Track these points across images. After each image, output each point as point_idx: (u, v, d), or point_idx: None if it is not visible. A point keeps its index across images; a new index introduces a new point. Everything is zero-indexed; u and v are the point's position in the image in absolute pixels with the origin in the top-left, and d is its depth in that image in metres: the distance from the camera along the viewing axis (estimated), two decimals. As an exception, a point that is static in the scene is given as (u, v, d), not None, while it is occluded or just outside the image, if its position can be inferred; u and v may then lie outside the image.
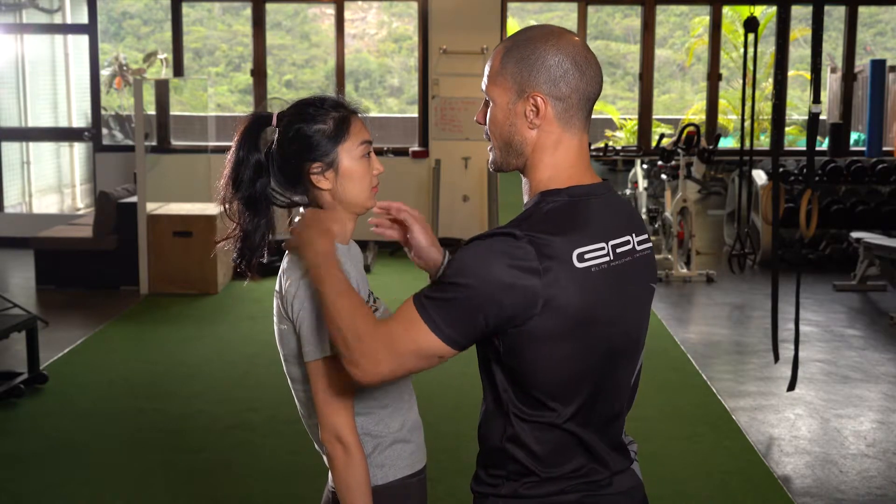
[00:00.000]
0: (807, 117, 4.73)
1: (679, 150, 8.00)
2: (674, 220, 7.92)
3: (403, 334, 1.54)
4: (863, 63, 10.31)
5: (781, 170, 8.38)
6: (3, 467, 4.08)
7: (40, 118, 11.15)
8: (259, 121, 1.84)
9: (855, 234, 7.56)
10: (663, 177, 8.49)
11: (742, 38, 8.01)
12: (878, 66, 9.71)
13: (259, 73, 9.37)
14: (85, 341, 5.94)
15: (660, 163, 8.40)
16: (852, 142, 10.24)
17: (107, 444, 4.35)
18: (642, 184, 8.70)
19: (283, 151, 1.81)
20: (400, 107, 16.86)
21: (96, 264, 7.29)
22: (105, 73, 13.39)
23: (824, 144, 10.10)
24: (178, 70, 9.53)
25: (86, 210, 11.22)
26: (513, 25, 13.93)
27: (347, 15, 11.37)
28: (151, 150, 7.72)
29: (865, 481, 3.98)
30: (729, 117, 13.68)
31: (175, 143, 8.80)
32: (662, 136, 8.92)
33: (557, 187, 1.60)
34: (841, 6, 9.63)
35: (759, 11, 9.94)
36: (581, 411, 1.60)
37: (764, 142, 12.37)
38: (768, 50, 13.48)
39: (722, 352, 5.91)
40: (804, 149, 9.47)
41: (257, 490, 3.87)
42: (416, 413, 1.92)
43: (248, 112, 1.87)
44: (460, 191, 8.72)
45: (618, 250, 1.60)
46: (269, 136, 1.85)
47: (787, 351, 5.41)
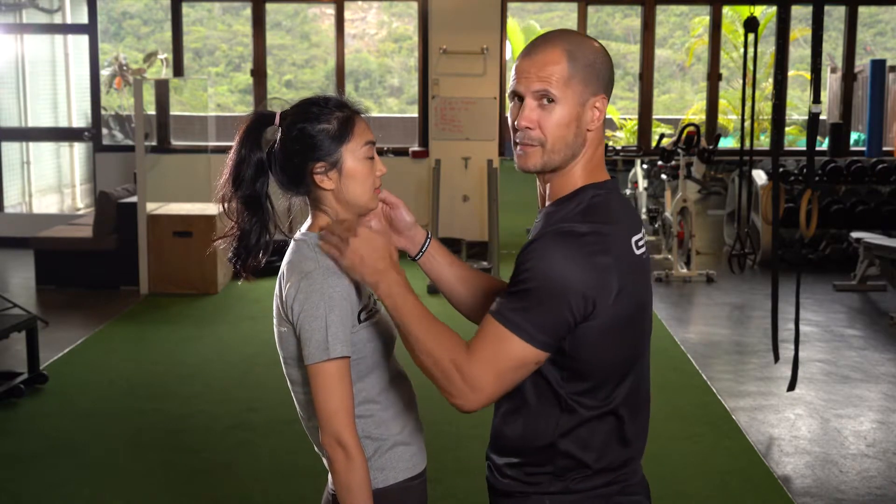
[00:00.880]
0: (807, 117, 4.73)
1: (679, 150, 8.00)
2: (674, 220, 7.92)
3: (499, 353, 1.58)
4: (863, 63, 10.31)
5: (781, 170, 8.38)
6: (3, 467, 4.08)
7: (40, 118, 11.15)
8: (261, 119, 1.83)
9: (855, 234, 7.56)
10: (663, 177, 8.49)
11: (742, 38, 8.01)
12: (878, 66, 9.72)
13: (259, 73, 9.37)
14: (85, 341, 5.94)
15: (660, 163, 8.40)
16: (852, 142, 10.25)
17: (107, 444, 4.35)
18: (642, 184, 8.70)
19: (285, 150, 1.79)
20: (400, 107, 16.87)
21: (96, 264, 7.29)
22: (105, 73, 13.39)
23: (824, 144, 10.10)
24: (178, 70, 9.53)
25: (86, 210, 11.22)
26: (513, 25, 13.93)
27: (347, 15, 11.36)
28: (151, 150, 7.72)
29: (865, 481, 3.98)
30: (729, 117, 13.69)
31: (175, 143, 8.80)
32: (662, 136, 8.92)
33: (596, 181, 1.69)
34: (841, 6, 9.63)
35: (759, 11, 9.94)
36: (630, 394, 1.68)
37: (764, 142, 12.37)
38: (768, 50, 13.48)
39: (722, 352, 5.91)
40: (804, 149, 9.46)
41: (257, 490, 3.87)
42: (416, 415, 1.91)
43: (249, 112, 1.86)
44: (460, 191, 8.72)
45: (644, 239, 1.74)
46: (270, 136, 1.83)
47: (787, 351, 5.41)
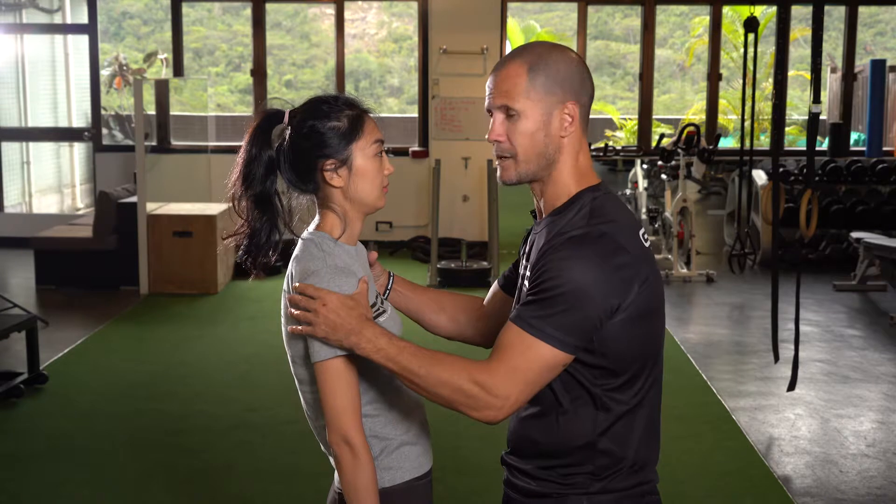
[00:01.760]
0: (807, 117, 4.73)
1: (679, 150, 8.00)
2: (674, 220, 7.92)
3: (528, 361, 1.60)
4: (863, 63, 10.31)
5: (781, 170, 8.38)
6: (3, 467, 4.08)
7: (40, 118, 11.15)
8: (271, 118, 1.83)
9: (855, 234, 7.56)
10: (663, 177, 8.49)
11: (742, 38, 8.01)
12: (878, 66, 9.71)
13: (259, 73, 9.37)
14: (85, 341, 5.94)
15: (660, 163, 8.40)
16: (852, 142, 10.25)
17: (107, 444, 4.35)
18: (642, 184, 8.70)
19: (295, 148, 1.80)
20: (400, 107, 16.87)
21: (96, 264, 7.29)
22: (105, 73, 13.39)
23: (824, 144, 10.10)
24: (178, 70, 9.53)
25: (86, 210, 11.22)
26: (513, 25, 13.94)
27: (347, 15, 11.36)
28: (151, 150, 7.72)
29: (865, 481, 3.98)
30: (729, 117, 13.69)
31: (175, 143, 8.80)
32: (662, 136, 8.92)
33: (590, 185, 1.72)
34: (841, 6, 9.64)
35: (759, 11, 9.94)
36: (657, 384, 1.73)
37: (764, 142, 12.37)
38: (768, 50, 13.48)
39: (722, 352, 5.91)
40: (804, 149, 9.46)
41: (257, 490, 3.87)
42: (423, 415, 1.91)
43: (249, 112, 1.87)
44: (460, 191, 8.72)
45: None
46: (278, 135, 1.84)
47: (787, 351, 5.41)
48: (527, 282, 1.68)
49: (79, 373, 5.37)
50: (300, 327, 1.71)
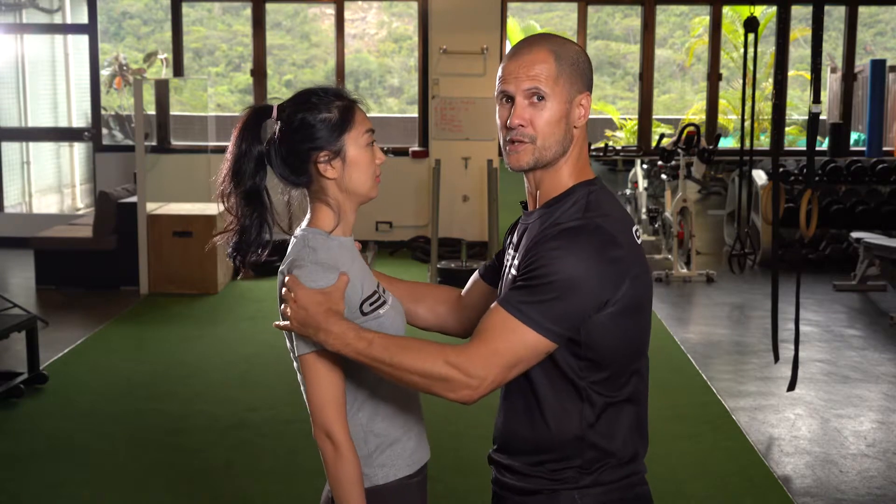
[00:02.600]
0: (807, 117, 4.73)
1: (679, 150, 8.00)
2: (674, 220, 7.92)
3: (510, 343, 1.60)
4: (863, 63, 10.30)
5: (781, 170, 8.38)
6: (2, 467, 4.08)
7: (40, 118, 11.15)
8: (259, 113, 1.83)
9: (855, 234, 7.56)
10: (663, 177, 8.48)
11: (742, 38, 8.00)
12: (878, 66, 9.71)
13: (259, 73, 9.37)
14: (85, 341, 5.94)
15: (660, 163, 8.40)
16: (852, 142, 10.24)
17: (107, 444, 4.35)
18: (642, 184, 8.70)
19: (287, 141, 1.80)
20: (400, 107, 16.86)
21: (96, 264, 7.29)
22: (105, 73, 13.38)
23: (824, 144, 10.09)
24: (178, 70, 9.53)
25: (86, 210, 11.22)
26: (513, 25, 13.93)
27: (347, 15, 11.36)
28: (151, 150, 7.72)
29: (865, 481, 3.98)
30: (729, 117, 13.68)
31: (175, 143, 8.81)
32: (662, 136, 8.92)
33: (586, 179, 1.74)
34: (841, 6, 9.63)
35: (759, 11, 9.93)
36: (642, 382, 1.74)
37: (764, 142, 12.36)
38: (768, 50, 13.47)
39: (722, 352, 5.91)
40: (804, 149, 9.47)
41: (257, 490, 3.87)
42: (418, 412, 1.91)
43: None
44: (460, 191, 8.72)
45: None
46: (268, 130, 1.84)
47: (787, 351, 5.41)
48: (514, 270, 1.68)
49: (79, 373, 5.37)
50: (282, 323, 1.74)
